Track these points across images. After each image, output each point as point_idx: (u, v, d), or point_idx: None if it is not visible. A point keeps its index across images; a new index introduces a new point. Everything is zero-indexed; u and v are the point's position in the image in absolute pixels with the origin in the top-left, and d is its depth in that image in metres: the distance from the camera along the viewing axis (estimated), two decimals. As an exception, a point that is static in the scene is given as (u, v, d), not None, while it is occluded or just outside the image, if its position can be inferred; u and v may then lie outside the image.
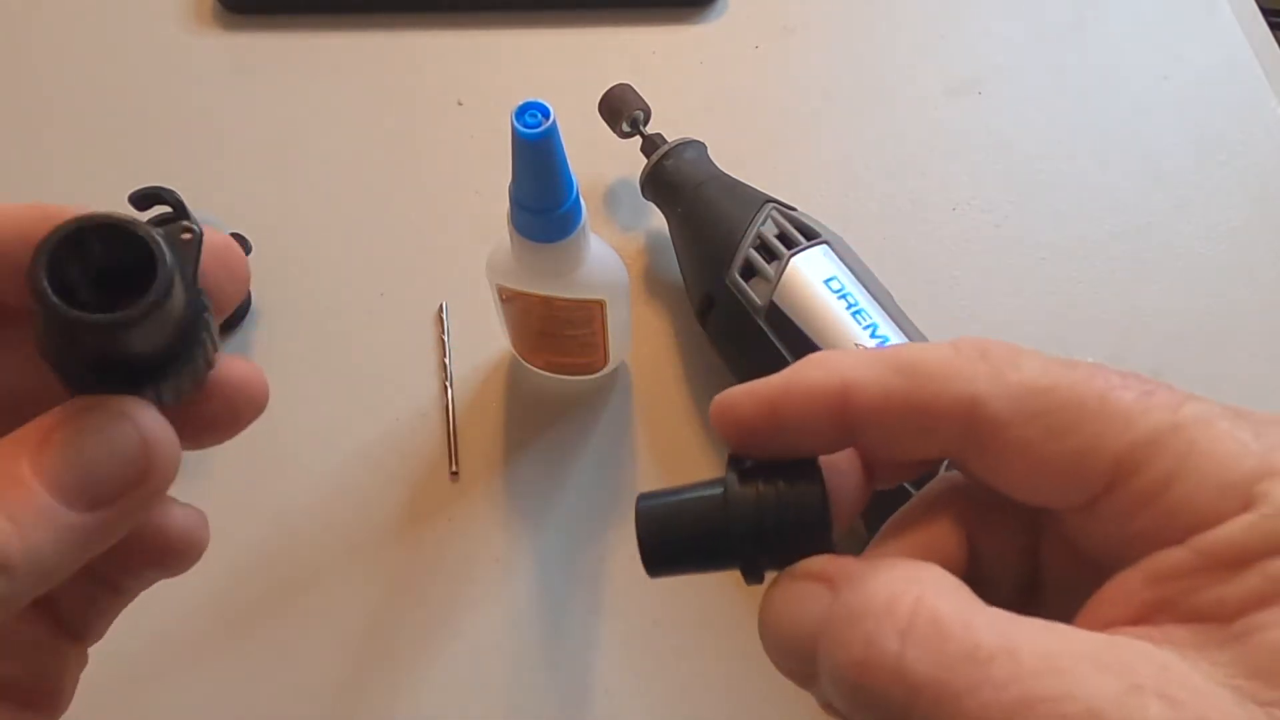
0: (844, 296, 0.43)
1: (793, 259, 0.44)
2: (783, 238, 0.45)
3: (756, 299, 0.44)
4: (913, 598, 0.17)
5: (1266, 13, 0.62)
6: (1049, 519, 0.22)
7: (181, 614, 0.44)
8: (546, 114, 0.32)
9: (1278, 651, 0.16)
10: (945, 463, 0.23)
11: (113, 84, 0.59)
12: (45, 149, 0.57)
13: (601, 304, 0.42)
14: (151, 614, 0.34)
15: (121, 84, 0.59)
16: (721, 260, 0.45)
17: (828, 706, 0.20)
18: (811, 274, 0.43)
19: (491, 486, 0.47)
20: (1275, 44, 0.61)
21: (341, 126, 0.58)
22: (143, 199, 0.46)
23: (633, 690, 0.43)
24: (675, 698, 0.43)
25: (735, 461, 0.22)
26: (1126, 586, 0.18)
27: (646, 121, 0.52)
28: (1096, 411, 0.19)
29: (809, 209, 0.47)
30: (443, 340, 0.50)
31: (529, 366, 0.49)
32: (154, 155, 0.57)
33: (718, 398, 0.22)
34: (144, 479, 0.19)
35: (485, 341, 0.50)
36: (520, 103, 0.32)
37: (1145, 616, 0.18)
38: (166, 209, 0.49)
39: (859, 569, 0.19)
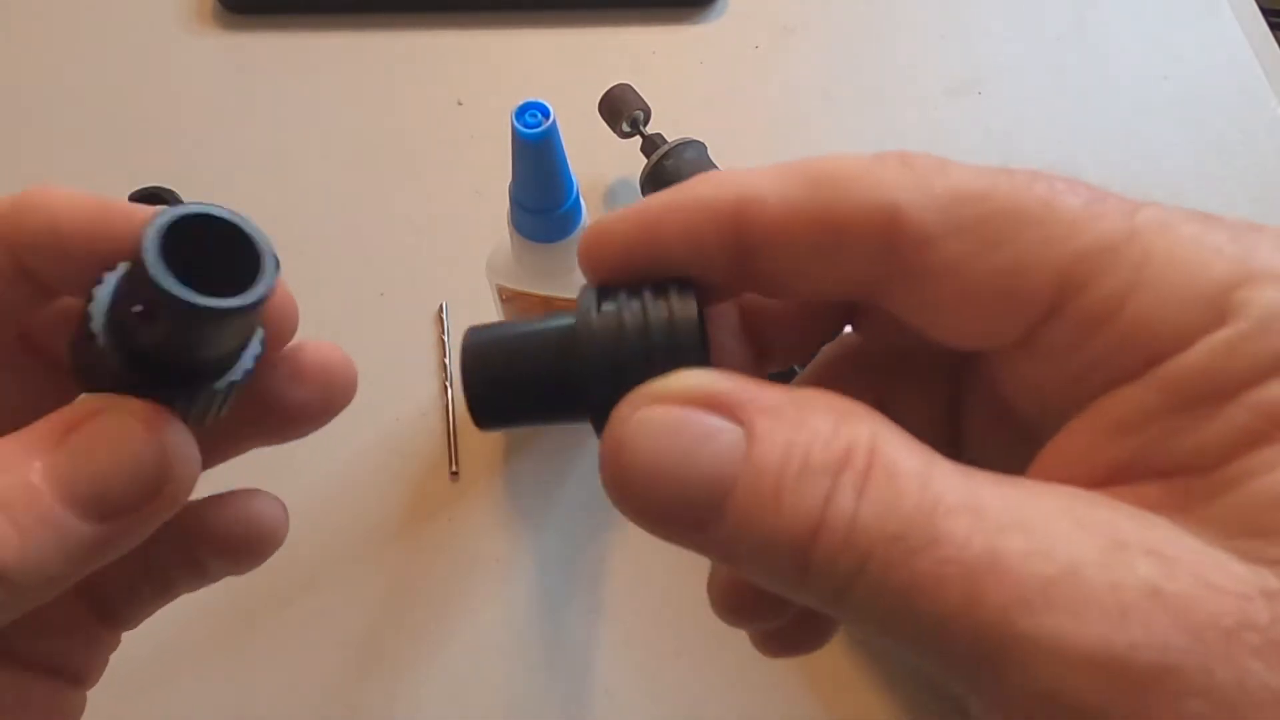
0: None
1: (793, 259, 0.44)
2: (783, 238, 0.45)
3: (756, 299, 0.44)
4: (866, 446, 0.14)
5: (1266, 13, 0.62)
6: (973, 375, 0.19)
7: (182, 614, 0.44)
8: (546, 114, 0.32)
9: (1270, 503, 0.13)
10: (846, 329, 0.20)
11: (113, 84, 0.59)
12: (45, 149, 0.57)
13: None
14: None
15: (121, 84, 0.59)
16: (721, 260, 0.45)
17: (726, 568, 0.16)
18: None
19: (491, 486, 0.47)
20: (1275, 44, 0.61)
21: (341, 126, 0.58)
22: (143, 199, 0.46)
23: (633, 690, 0.43)
24: (675, 698, 0.43)
25: (592, 293, 0.18)
26: (1081, 442, 0.15)
27: (646, 121, 0.52)
28: (1038, 218, 0.15)
29: (809, 209, 0.47)
30: (443, 340, 0.50)
31: (529, 366, 0.49)
32: (154, 155, 0.57)
33: (588, 228, 0.18)
34: (159, 495, 0.18)
35: (485, 341, 0.50)
36: (520, 103, 0.32)
37: (1110, 478, 0.15)
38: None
39: (776, 399, 0.15)
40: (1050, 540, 0.13)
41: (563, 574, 0.45)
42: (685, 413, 0.15)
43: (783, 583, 0.15)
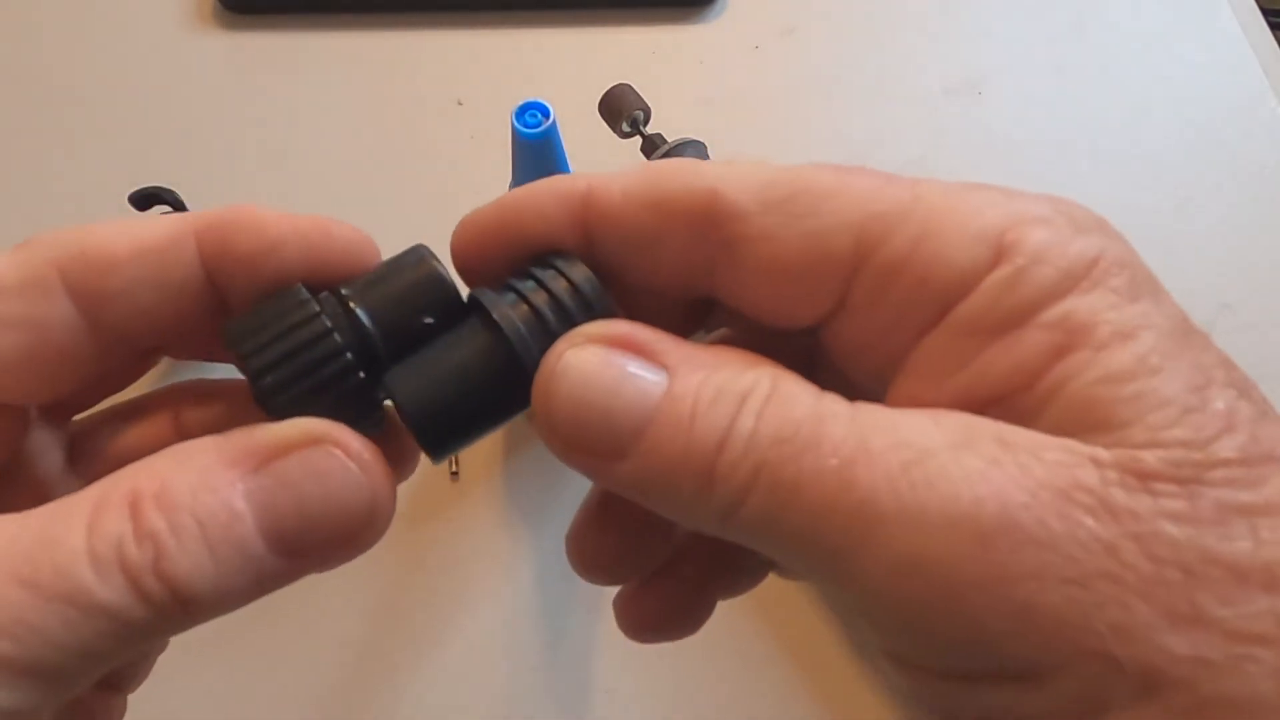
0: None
1: (793, 259, 0.44)
2: (783, 238, 0.45)
3: (756, 299, 0.44)
4: (770, 379, 0.16)
5: (1266, 13, 0.62)
6: (818, 360, 0.20)
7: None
8: (546, 114, 0.32)
9: (1088, 400, 0.15)
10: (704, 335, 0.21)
11: (113, 84, 0.59)
12: (46, 149, 0.57)
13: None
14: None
15: (121, 84, 0.59)
16: (721, 260, 0.45)
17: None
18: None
19: (491, 486, 0.47)
20: (1275, 44, 0.61)
21: (342, 126, 0.58)
22: (143, 199, 0.46)
23: (633, 690, 0.43)
24: (675, 698, 0.43)
25: (474, 296, 0.19)
26: (913, 395, 0.17)
27: (646, 121, 0.52)
28: (835, 191, 0.17)
29: (809, 209, 0.47)
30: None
31: (529, 366, 0.49)
32: (154, 155, 0.57)
33: (459, 222, 0.20)
34: (355, 544, 0.17)
35: (485, 341, 0.50)
36: (520, 103, 0.33)
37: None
38: (166, 209, 0.50)
39: (693, 349, 0.17)
40: (911, 434, 0.15)
41: (563, 574, 0.45)
42: (611, 353, 0.16)
43: (689, 505, 0.16)
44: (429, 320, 0.18)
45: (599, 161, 0.55)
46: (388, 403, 0.18)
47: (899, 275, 0.16)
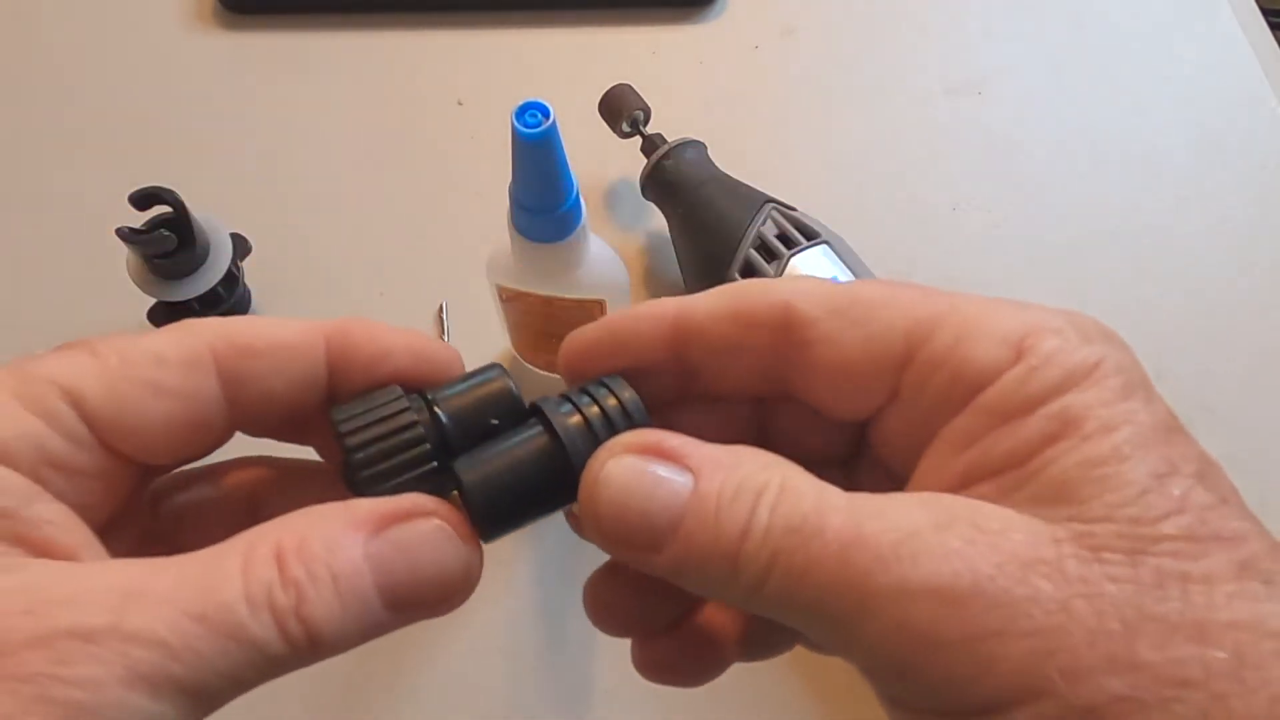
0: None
1: (792, 259, 0.44)
2: (783, 238, 0.45)
3: (756, 299, 0.44)
4: (780, 478, 0.19)
5: (1266, 13, 0.62)
6: (861, 459, 0.24)
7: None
8: (546, 114, 0.32)
9: (1063, 480, 0.18)
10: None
11: (113, 84, 0.59)
12: (46, 149, 0.57)
13: (601, 304, 0.42)
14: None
15: (122, 84, 0.59)
16: (721, 260, 0.45)
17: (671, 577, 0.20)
18: (811, 274, 0.43)
19: (491, 486, 0.47)
20: (1275, 44, 0.61)
21: (341, 126, 0.58)
22: (143, 199, 0.46)
23: (633, 690, 0.43)
24: (675, 698, 0.43)
25: (537, 405, 0.22)
26: (935, 464, 0.20)
27: (646, 121, 0.52)
28: (888, 301, 0.21)
29: (809, 209, 0.47)
30: (443, 340, 0.50)
31: (529, 366, 0.49)
32: (154, 155, 0.57)
33: (568, 337, 0.23)
34: (451, 600, 0.20)
35: (485, 341, 0.50)
36: (520, 103, 0.32)
37: (954, 487, 0.19)
38: (166, 209, 0.49)
39: (715, 451, 0.20)
40: (899, 519, 0.18)
41: (563, 574, 0.45)
42: (645, 460, 0.19)
43: (719, 585, 0.19)
44: (495, 421, 0.22)
45: (599, 161, 0.55)
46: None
47: (938, 370, 0.20)
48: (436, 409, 0.22)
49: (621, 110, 0.51)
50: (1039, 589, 0.16)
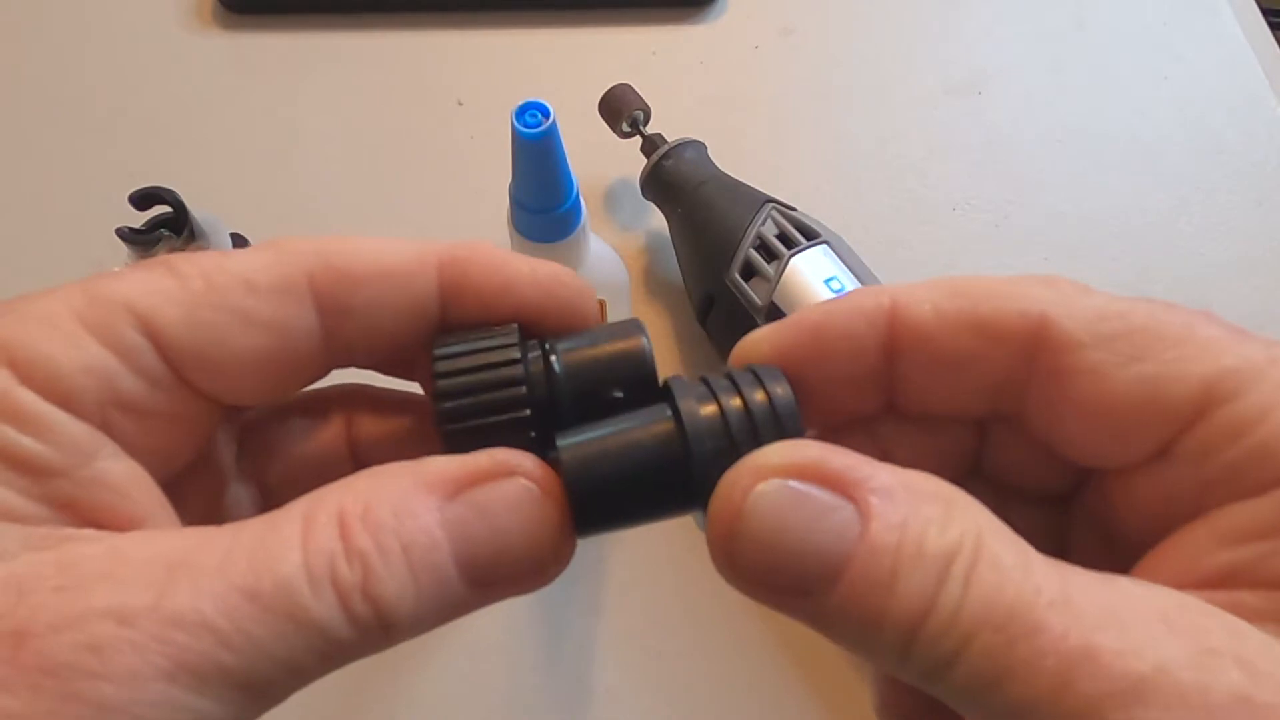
0: (854, 291, 0.43)
1: (793, 259, 0.44)
2: (783, 238, 0.45)
3: (757, 299, 0.44)
4: (974, 537, 0.15)
5: (1266, 13, 0.62)
6: (1083, 500, 0.20)
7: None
8: (546, 114, 0.32)
9: None
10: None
11: (113, 84, 0.59)
12: (46, 149, 0.57)
13: (601, 304, 0.42)
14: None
15: (122, 84, 0.59)
16: (722, 260, 0.45)
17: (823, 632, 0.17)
18: (811, 274, 0.43)
19: (491, 486, 0.47)
20: (1275, 44, 0.61)
21: (341, 126, 0.58)
22: (143, 199, 0.46)
23: (633, 690, 0.43)
24: (675, 698, 0.43)
25: (668, 383, 0.18)
26: (1192, 545, 0.16)
27: (646, 121, 0.52)
28: (1182, 338, 0.16)
29: (809, 209, 0.47)
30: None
31: (529, 366, 0.49)
32: (154, 155, 0.57)
33: (742, 341, 0.19)
34: (541, 574, 0.17)
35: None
36: (520, 103, 0.32)
37: (1211, 583, 0.16)
38: (166, 209, 0.49)
39: (887, 479, 0.16)
40: (1142, 640, 0.14)
41: (563, 574, 0.45)
42: (802, 487, 0.15)
43: (880, 655, 0.15)
44: (618, 394, 0.18)
45: (599, 161, 0.55)
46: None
47: (1241, 438, 0.16)
48: (553, 359, 0.18)
49: (621, 110, 0.51)
50: None
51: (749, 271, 0.45)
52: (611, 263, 0.42)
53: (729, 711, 0.43)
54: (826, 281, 0.43)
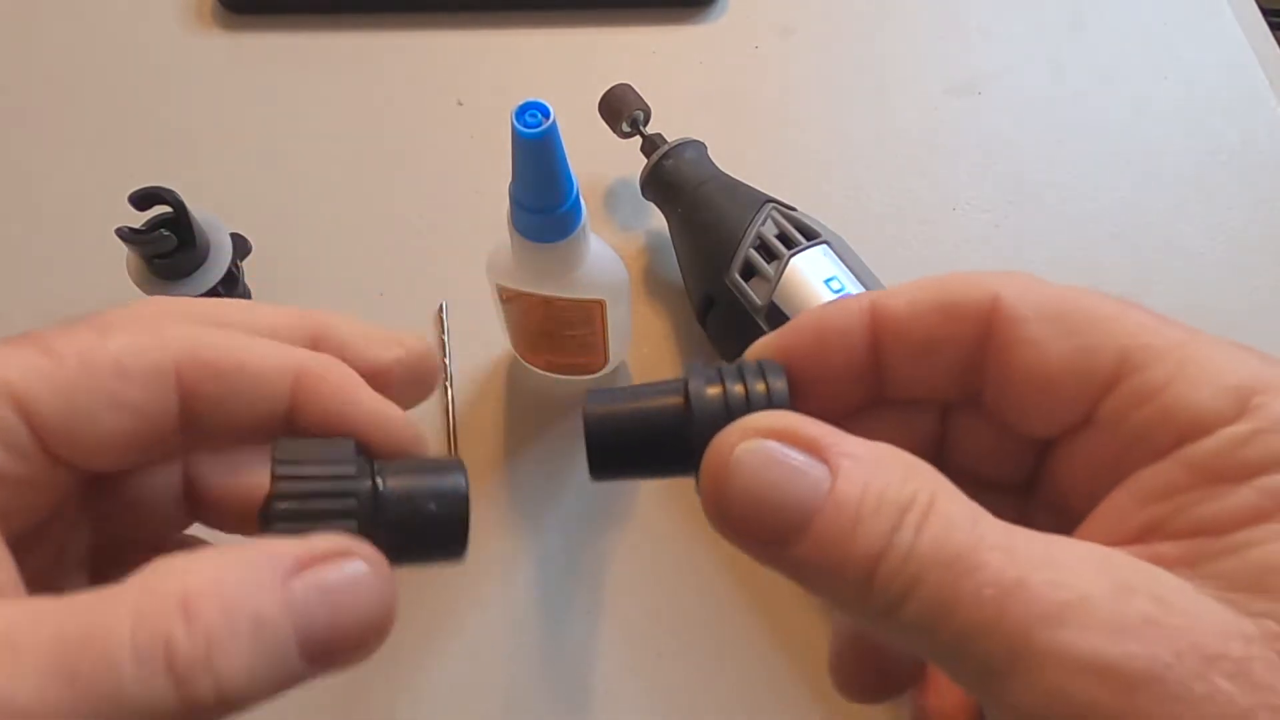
0: (844, 296, 0.43)
1: (793, 259, 0.44)
2: (783, 238, 0.45)
3: (756, 299, 0.44)
4: (929, 493, 0.17)
5: (1266, 13, 0.62)
6: (1040, 486, 0.22)
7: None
8: (546, 114, 0.32)
9: (1265, 566, 0.16)
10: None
11: (113, 84, 0.59)
12: (46, 149, 0.57)
13: (601, 304, 0.42)
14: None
15: (121, 84, 0.59)
16: (722, 260, 0.45)
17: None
18: (811, 274, 0.43)
19: (491, 486, 0.47)
20: (1275, 44, 0.61)
21: (341, 126, 0.58)
22: (143, 199, 0.46)
23: (633, 690, 0.43)
24: (675, 698, 0.43)
25: (690, 369, 0.21)
26: (1117, 509, 0.18)
27: (646, 121, 0.52)
28: (1112, 317, 0.19)
29: (809, 209, 0.47)
30: (443, 340, 0.50)
31: (529, 366, 0.49)
32: (154, 155, 0.57)
33: (758, 340, 0.22)
34: (368, 648, 0.18)
35: (485, 341, 0.50)
36: (520, 103, 0.32)
37: (1135, 539, 0.18)
38: (166, 209, 0.49)
39: (855, 446, 0.18)
40: (1069, 577, 0.16)
41: (563, 574, 0.45)
42: (780, 448, 0.18)
43: (844, 597, 0.17)
44: (432, 507, 0.21)
45: (599, 161, 0.55)
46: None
47: (1146, 404, 0.18)
48: (379, 479, 0.21)
49: (621, 110, 0.51)
50: (1220, 689, 0.15)
51: (749, 271, 0.45)
52: (611, 263, 0.42)
53: (729, 711, 0.43)
54: (826, 281, 0.43)
